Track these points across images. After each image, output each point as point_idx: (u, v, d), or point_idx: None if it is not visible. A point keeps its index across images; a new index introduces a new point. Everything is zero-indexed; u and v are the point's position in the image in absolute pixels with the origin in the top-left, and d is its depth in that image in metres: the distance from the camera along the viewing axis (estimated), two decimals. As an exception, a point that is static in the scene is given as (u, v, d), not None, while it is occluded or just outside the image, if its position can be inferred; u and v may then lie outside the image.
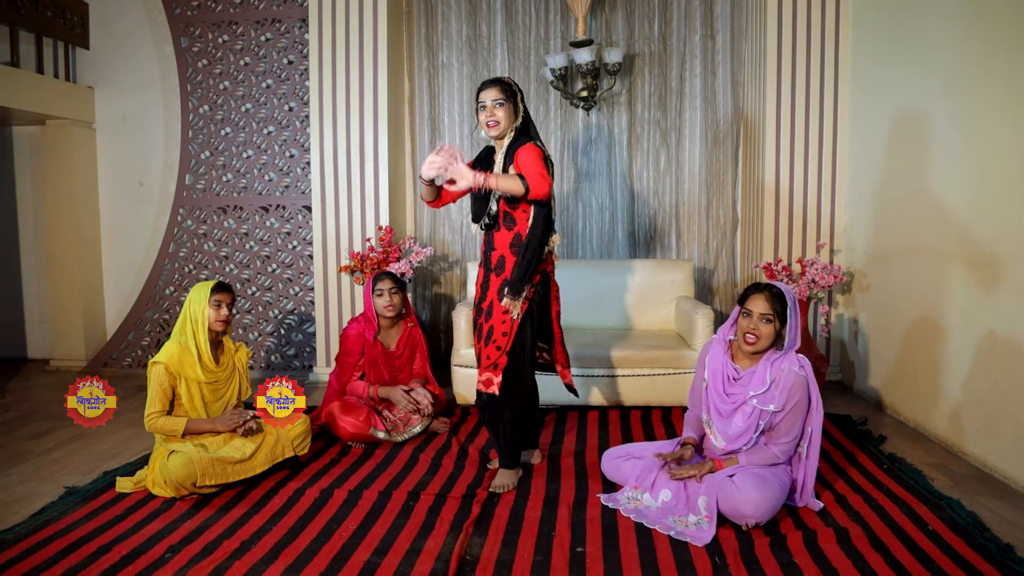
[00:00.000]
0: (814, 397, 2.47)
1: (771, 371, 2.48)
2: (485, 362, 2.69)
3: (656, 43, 4.72)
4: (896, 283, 3.73)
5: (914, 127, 3.53)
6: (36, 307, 5.39)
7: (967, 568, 2.09)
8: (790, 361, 2.47)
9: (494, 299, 2.70)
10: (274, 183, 4.93)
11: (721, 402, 2.56)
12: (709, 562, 2.16)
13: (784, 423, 2.46)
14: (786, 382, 2.44)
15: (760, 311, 2.47)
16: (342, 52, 4.48)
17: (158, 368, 2.79)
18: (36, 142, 5.22)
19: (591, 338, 3.88)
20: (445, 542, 2.31)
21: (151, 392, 2.79)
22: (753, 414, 2.48)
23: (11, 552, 2.25)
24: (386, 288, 3.40)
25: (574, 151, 4.83)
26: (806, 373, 2.46)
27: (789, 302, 2.47)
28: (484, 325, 2.71)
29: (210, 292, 2.88)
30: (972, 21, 3.08)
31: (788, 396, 2.43)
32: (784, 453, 2.48)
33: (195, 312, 2.87)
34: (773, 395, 2.45)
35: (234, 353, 3.02)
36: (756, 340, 2.47)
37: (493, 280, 2.71)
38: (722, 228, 4.77)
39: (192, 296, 2.90)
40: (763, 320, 2.46)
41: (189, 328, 2.87)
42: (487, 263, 2.75)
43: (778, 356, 2.50)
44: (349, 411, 3.27)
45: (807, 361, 2.49)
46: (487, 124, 2.65)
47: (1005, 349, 2.83)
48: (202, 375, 2.85)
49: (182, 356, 2.83)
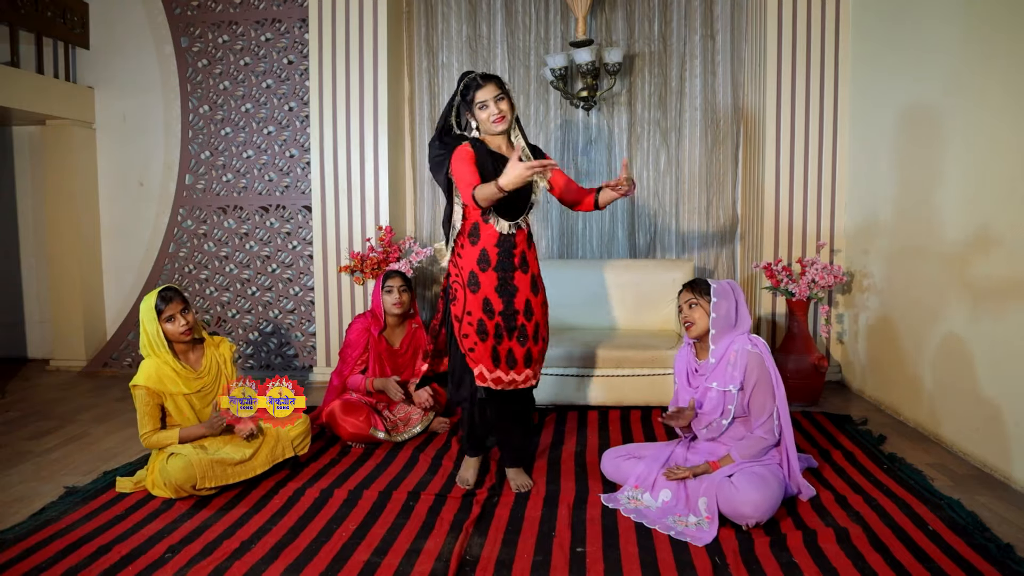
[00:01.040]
0: (773, 373, 2.55)
1: (720, 351, 2.58)
2: (540, 359, 2.77)
3: (656, 43, 4.72)
4: (896, 283, 3.73)
5: (914, 127, 3.53)
6: (36, 307, 5.39)
7: (967, 568, 2.09)
8: (742, 342, 2.57)
9: (530, 296, 2.69)
10: (274, 183, 4.93)
11: (687, 394, 2.67)
12: (709, 562, 2.16)
13: (755, 402, 2.54)
14: (740, 360, 2.54)
15: (684, 300, 2.65)
16: (342, 52, 4.49)
17: (139, 391, 2.70)
18: (36, 142, 5.22)
19: (591, 338, 3.88)
20: (445, 542, 2.31)
21: (139, 413, 2.72)
22: (716, 398, 2.56)
23: (11, 552, 2.25)
24: (396, 286, 3.43)
25: (574, 151, 4.83)
26: (759, 349, 2.56)
27: (713, 285, 2.60)
28: (528, 325, 2.67)
29: (156, 312, 2.71)
30: (972, 22, 3.08)
31: (746, 374, 2.52)
32: (768, 432, 2.53)
33: (150, 333, 2.72)
34: (730, 374, 2.54)
35: (216, 349, 2.90)
36: (691, 325, 2.62)
37: (520, 277, 2.66)
38: (722, 228, 4.77)
39: (142, 315, 2.73)
40: (689, 306, 2.62)
41: (152, 349, 2.74)
42: (507, 263, 2.64)
43: (724, 337, 2.59)
44: (349, 411, 3.27)
45: (760, 339, 2.60)
46: (493, 120, 2.59)
47: (1005, 349, 2.83)
48: (184, 386, 2.77)
49: (160, 372, 2.72)
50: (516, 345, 2.66)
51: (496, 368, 2.65)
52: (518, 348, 2.67)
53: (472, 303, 2.65)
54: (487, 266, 2.64)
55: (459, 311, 2.67)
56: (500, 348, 2.65)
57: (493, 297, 2.63)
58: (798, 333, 3.97)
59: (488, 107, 2.59)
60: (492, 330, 2.64)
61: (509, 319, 2.65)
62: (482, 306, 2.63)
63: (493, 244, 2.64)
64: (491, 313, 2.64)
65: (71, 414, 3.92)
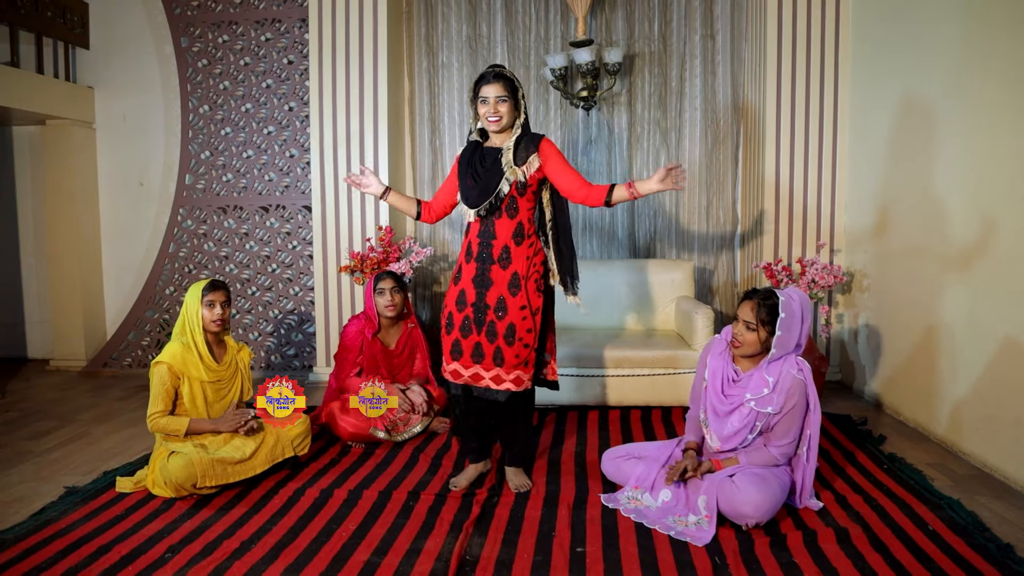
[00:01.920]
0: (812, 400, 2.47)
1: (770, 374, 2.48)
2: (513, 360, 2.61)
3: (656, 43, 4.72)
4: (896, 283, 3.73)
5: (914, 128, 3.53)
6: (36, 307, 5.39)
7: (967, 568, 2.09)
8: (789, 365, 2.46)
9: (504, 293, 2.62)
10: (274, 183, 4.93)
11: (719, 402, 2.56)
12: (709, 562, 2.16)
13: (781, 425, 2.47)
14: (783, 385, 2.44)
15: (744, 318, 2.50)
16: (342, 52, 4.48)
17: (161, 368, 2.78)
18: (36, 142, 5.22)
19: (591, 338, 3.88)
20: (445, 542, 2.31)
21: (154, 392, 2.78)
22: (749, 416, 2.49)
23: (11, 552, 2.25)
24: (388, 287, 3.42)
25: (574, 151, 4.83)
26: (804, 377, 2.45)
27: (783, 312, 2.42)
28: (498, 323, 2.61)
29: (201, 292, 2.87)
30: (971, 23, 3.08)
31: (786, 399, 2.44)
32: (783, 455, 2.49)
33: (190, 313, 2.86)
34: (771, 398, 2.45)
35: (237, 353, 3.01)
36: (740, 346, 2.51)
37: (497, 272, 2.63)
38: (722, 228, 4.77)
39: (187, 296, 2.90)
40: (746, 327, 2.49)
41: (187, 329, 2.87)
42: (485, 255, 2.65)
43: (777, 359, 2.49)
44: (349, 411, 3.27)
45: (807, 364, 2.48)
46: (488, 119, 2.61)
47: (1005, 349, 2.83)
48: (205, 374, 2.84)
49: (185, 355, 2.82)
50: (484, 340, 2.64)
51: (454, 360, 2.69)
52: (486, 344, 2.64)
53: (449, 296, 2.74)
54: (470, 257, 2.70)
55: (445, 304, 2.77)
56: (465, 341, 2.66)
57: (469, 288, 2.68)
58: (798, 333, 3.97)
59: (487, 103, 2.60)
60: (459, 322, 2.67)
61: (480, 311, 2.65)
62: (456, 297, 2.70)
63: (476, 235, 2.69)
64: (463, 304, 2.67)
65: (71, 414, 3.92)
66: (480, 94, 2.61)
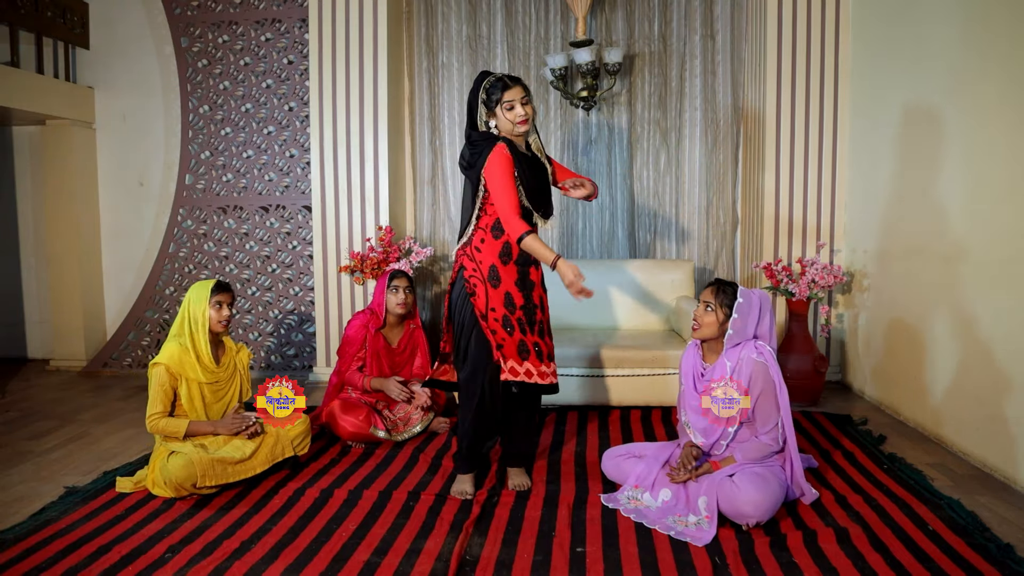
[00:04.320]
0: (777, 381, 2.51)
1: (729, 359, 2.54)
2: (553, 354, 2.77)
3: (656, 43, 4.72)
4: (896, 283, 3.73)
5: (914, 128, 3.53)
6: (36, 307, 5.39)
7: (967, 568, 2.09)
8: (748, 350, 2.53)
9: (542, 293, 2.76)
10: (274, 183, 4.93)
11: (692, 399, 2.62)
12: (709, 562, 2.16)
13: (759, 411, 2.51)
14: (744, 369, 2.50)
15: (704, 299, 2.59)
16: (342, 52, 4.49)
17: (159, 369, 2.78)
18: (36, 142, 5.22)
19: (591, 338, 3.88)
20: (445, 542, 2.31)
21: (152, 393, 2.78)
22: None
23: (11, 552, 2.25)
24: (402, 286, 3.46)
25: (574, 151, 4.83)
26: (764, 359, 2.50)
27: (741, 299, 2.52)
28: (545, 322, 2.75)
29: (210, 293, 2.86)
30: (971, 24, 3.08)
31: (750, 383, 2.48)
32: (773, 440, 2.52)
33: (195, 312, 2.84)
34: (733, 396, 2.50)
35: (235, 354, 3.00)
36: (698, 327, 2.59)
37: (534, 273, 2.73)
38: (722, 228, 4.78)
39: (191, 296, 2.87)
40: (705, 308, 2.57)
41: (188, 328, 2.84)
42: (522, 258, 2.67)
43: (735, 345, 2.55)
44: (349, 410, 3.27)
45: (766, 347, 2.54)
46: (519, 122, 2.61)
47: (1005, 349, 2.83)
48: (202, 376, 2.83)
49: (182, 357, 2.81)
50: (538, 339, 2.70)
51: (525, 361, 2.67)
52: (540, 342, 2.71)
53: (494, 298, 2.65)
54: (508, 259, 2.66)
55: (482, 307, 2.64)
56: (527, 340, 2.68)
57: (514, 291, 2.66)
58: (798, 333, 3.97)
59: (515, 108, 2.61)
60: (516, 324, 2.66)
61: (529, 313, 2.69)
62: (504, 300, 2.65)
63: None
64: (512, 308, 2.66)
65: (71, 414, 3.92)
66: (504, 100, 2.61)
